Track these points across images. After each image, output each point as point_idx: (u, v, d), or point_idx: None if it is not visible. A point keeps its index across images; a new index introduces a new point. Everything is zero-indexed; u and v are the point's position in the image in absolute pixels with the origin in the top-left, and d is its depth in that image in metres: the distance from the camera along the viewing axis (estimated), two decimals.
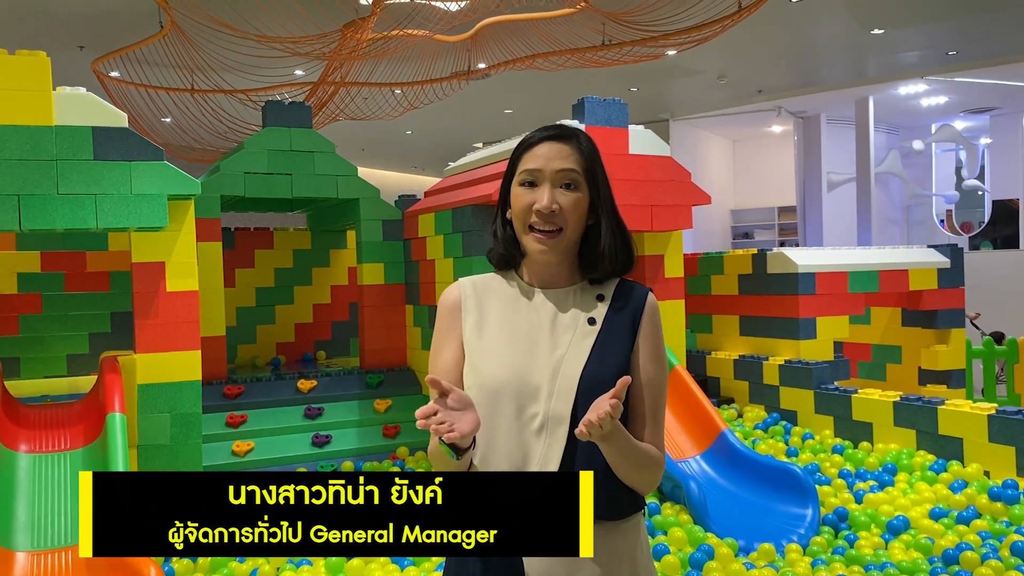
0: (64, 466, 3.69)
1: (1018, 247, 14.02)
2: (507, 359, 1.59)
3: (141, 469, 4.26)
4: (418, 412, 1.40)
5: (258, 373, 5.98)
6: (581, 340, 1.60)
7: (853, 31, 9.19)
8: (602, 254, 1.63)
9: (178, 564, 3.62)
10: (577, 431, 1.44)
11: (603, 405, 1.41)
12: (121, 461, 3.47)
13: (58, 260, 5.88)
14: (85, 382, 5.53)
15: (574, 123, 5.11)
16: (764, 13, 7.66)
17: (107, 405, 3.76)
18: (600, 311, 1.63)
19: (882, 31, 9.15)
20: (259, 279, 7.06)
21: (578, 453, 1.54)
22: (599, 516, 1.53)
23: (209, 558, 3.74)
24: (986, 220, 15.10)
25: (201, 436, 4.47)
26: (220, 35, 7.12)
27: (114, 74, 9.21)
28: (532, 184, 1.61)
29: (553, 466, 1.53)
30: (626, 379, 1.42)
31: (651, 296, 1.67)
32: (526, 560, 1.52)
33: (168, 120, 10.60)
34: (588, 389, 1.54)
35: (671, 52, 8.71)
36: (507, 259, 1.69)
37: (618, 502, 1.57)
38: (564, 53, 7.77)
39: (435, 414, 1.41)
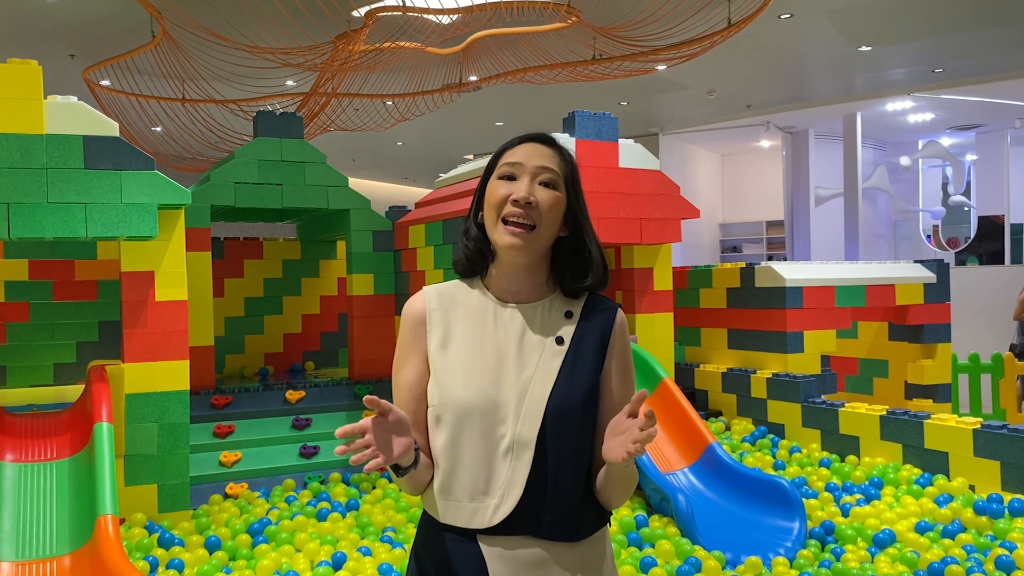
0: (50, 476, 3.67)
1: (1003, 263, 14.14)
2: (473, 380, 1.55)
3: (128, 479, 4.24)
4: (338, 432, 1.36)
5: (246, 383, 5.96)
6: (548, 361, 1.56)
7: (841, 48, 9.28)
8: (588, 266, 1.61)
9: (164, 575, 3.60)
10: (619, 457, 1.40)
11: (633, 432, 1.38)
12: (108, 471, 3.45)
13: (46, 268, 5.86)
14: (72, 391, 5.50)
15: (564, 136, 5.14)
16: (753, 29, 7.73)
17: (94, 414, 3.75)
18: (568, 329, 1.59)
19: (869, 48, 9.25)
20: (248, 289, 7.05)
21: (547, 476, 1.53)
22: (561, 538, 1.53)
23: (195, 568, 3.73)
24: (972, 236, 15.23)
25: (188, 446, 4.45)
26: (212, 45, 7.14)
27: (105, 83, 9.21)
28: (511, 177, 1.57)
29: (517, 490, 1.51)
30: (643, 393, 1.39)
31: (620, 313, 1.64)
32: (491, 571, 1.52)
33: (159, 129, 10.60)
34: (556, 412, 1.52)
35: (661, 67, 8.77)
36: (475, 263, 1.64)
37: (581, 523, 1.56)
38: (555, 67, 7.82)
39: (363, 435, 1.38)
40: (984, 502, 4.13)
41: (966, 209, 15.40)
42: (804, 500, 4.31)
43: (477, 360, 1.57)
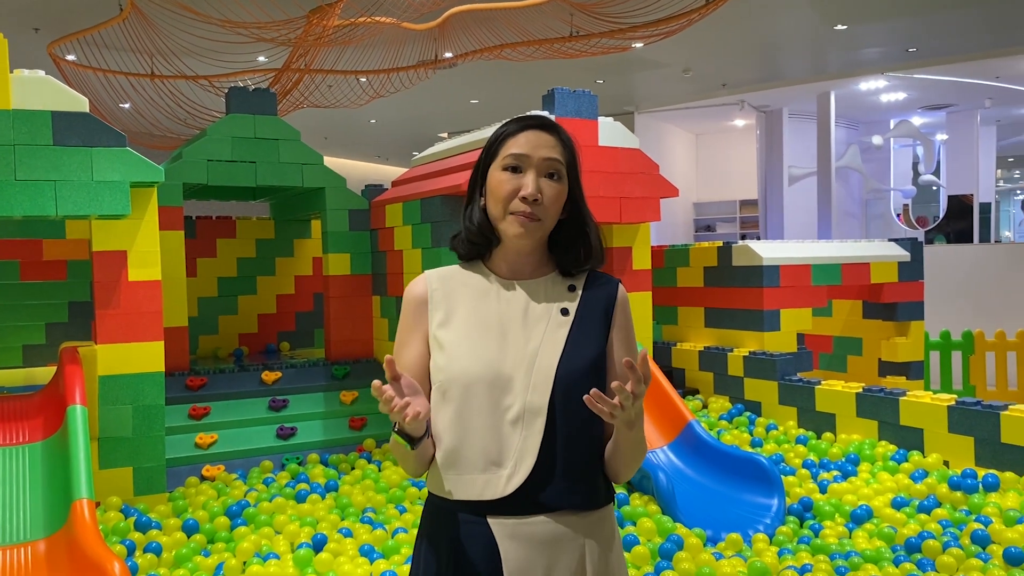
0: (23, 460, 3.59)
1: (972, 241, 14.34)
2: (478, 351, 1.56)
3: (102, 463, 4.17)
4: (376, 383, 1.40)
5: (221, 364, 5.89)
6: (555, 331, 1.58)
7: (817, 26, 9.29)
8: (588, 249, 1.63)
9: (142, 559, 3.55)
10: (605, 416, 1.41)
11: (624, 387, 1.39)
12: (83, 455, 3.38)
13: (13, 248, 5.72)
14: (42, 373, 5.41)
15: (544, 114, 5.09)
16: (730, 7, 7.71)
17: (68, 397, 3.67)
18: (572, 301, 1.62)
19: (845, 27, 9.27)
20: (221, 269, 6.95)
21: (559, 444, 1.53)
22: (575, 507, 1.54)
23: (173, 552, 3.68)
24: (941, 215, 15.42)
25: (164, 429, 4.38)
26: (182, 19, 6.97)
27: (70, 58, 8.98)
28: (516, 169, 1.58)
29: (530, 458, 1.52)
30: (644, 353, 1.40)
31: (622, 287, 1.67)
32: (503, 551, 1.51)
33: (127, 106, 10.37)
34: (565, 380, 1.54)
35: (637, 45, 8.73)
36: (478, 247, 1.64)
37: (594, 492, 1.58)
38: (533, 44, 7.74)
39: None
40: (959, 477, 4.19)
41: (935, 188, 15.58)
42: (782, 477, 4.35)
43: (482, 333, 1.58)
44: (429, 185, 5.23)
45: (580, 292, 1.63)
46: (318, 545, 3.73)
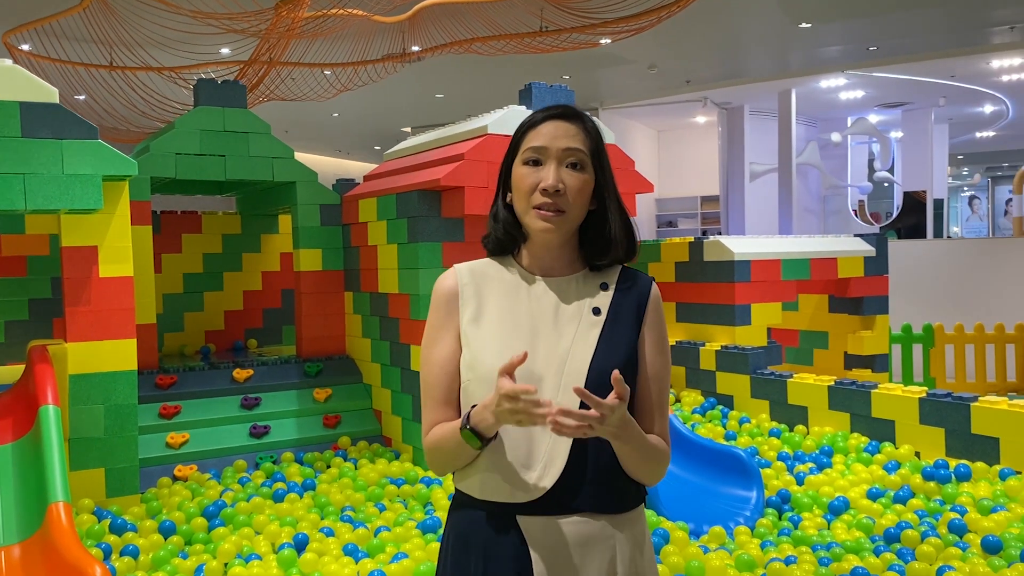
0: None
1: (924, 237, 14.67)
2: (509, 351, 1.50)
3: (74, 464, 4.06)
4: (512, 386, 1.36)
5: (188, 362, 5.77)
6: (587, 331, 1.55)
7: (782, 24, 9.41)
8: (610, 241, 1.59)
9: (119, 563, 3.46)
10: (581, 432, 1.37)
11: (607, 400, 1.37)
12: (57, 456, 3.28)
13: None
14: (4, 372, 5.24)
15: (521, 108, 5.08)
16: (700, 4, 7.76)
17: (39, 397, 3.56)
18: (604, 300, 1.58)
19: (809, 25, 9.40)
20: (187, 264, 6.81)
21: (589, 447, 1.50)
22: (605, 510, 1.52)
23: (150, 554, 3.59)
24: (896, 211, 15.75)
25: (137, 428, 4.28)
26: (145, 8, 6.80)
27: (25, 47, 8.71)
28: (536, 163, 1.55)
29: (560, 461, 1.49)
30: (616, 375, 1.36)
31: (655, 285, 1.64)
32: (533, 551, 1.49)
33: (82, 98, 10.10)
34: (597, 381, 1.50)
35: (605, 41, 8.75)
36: (505, 244, 1.63)
37: (624, 495, 1.55)
38: (503, 38, 7.70)
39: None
40: (931, 468, 4.27)
41: (886, 185, 15.92)
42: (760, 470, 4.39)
43: (512, 331, 1.55)
44: (405, 180, 5.17)
45: (612, 290, 1.60)
46: (300, 545, 3.67)
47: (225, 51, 8.90)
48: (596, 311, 1.57)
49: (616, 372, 1.36)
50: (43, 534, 3.11)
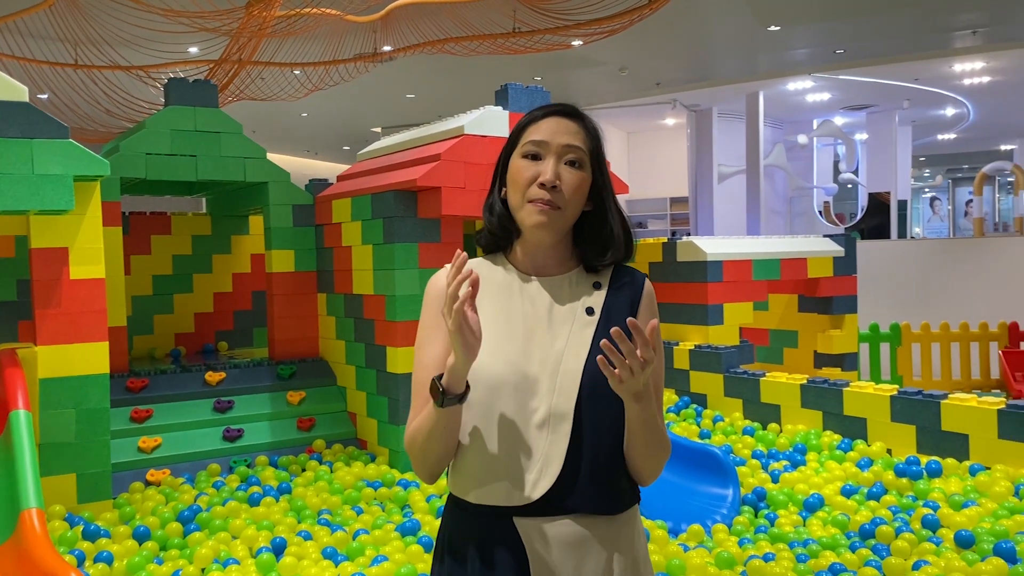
0: None
1: (888, 237, 14.92)
2: (503, 352, 1.51)
3: (44, 469, 3.98)
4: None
5: (161, 365, 5.68)
6: (581, 331, 1.53)
7: (752, 27, 9.51)
8: (609, 242, 1.58)
9: (93, 570, 3.40)
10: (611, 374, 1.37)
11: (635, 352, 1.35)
12: (29, 462, 3.21)
13: None
14: None
15: (497, 109, 5.07)
16: (672, 7, 7.82)
17: (10, 402, 3.48)
18: (598, 299, 1.57)
19: (778, 28, 9.51)
20: (156, 266, 6.71)
21: (585, 448, 1.49)
22: (602, 511, 1.51)
23: (125, 561, 3.53)
24: (860, 212, 16.00)
25: (109, 433, 4.20)
26: (113, 6, 6.69)
27: None
28: (535, 157, 1.53)
29: (557, 463, 1.48)
30: (654, 323, 1.36)
31: (648, 282, 1.63)
32: (530, 552, 1.48)
33: (44, 97, 9.91)
34: (592, 383, 1.49)
35: (577, 43, 8.78)
36: (499, 238, 1.61)
37: (620, 495, 1.54)
38: (475, 39, 7.70)
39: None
40: (903, 465, 4.34)
41: (850, 186, 16.17)
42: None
43: (506, 333, 1.53)
44: (381, 180, 5.14)
45: (606, 290, 1.59)
46: (278, 549, 3.63)
47: (193, 50, 8.79)
48: (590, 311, 1.56)
49: (631, 319, 1.35)
50: (16, 541, 3.05)
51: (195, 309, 6.91)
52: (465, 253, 1.40)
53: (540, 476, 1.47)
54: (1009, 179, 19.83)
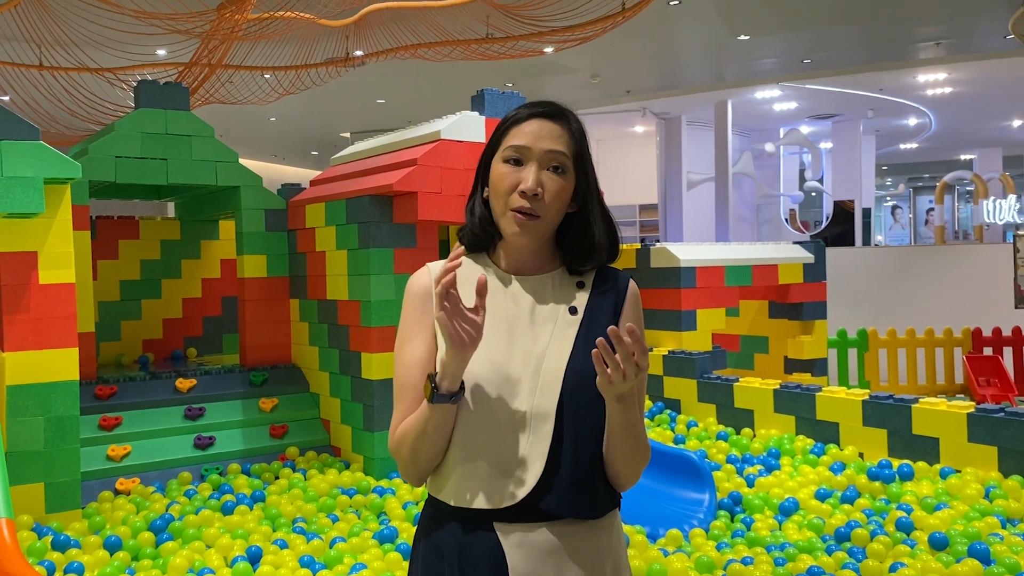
0: None
1: (852, 245, 15.16)
2: (485, 352, 1.48)
3: (12, 478, 3.88)
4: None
5: (129, 372, 5.58)
6: (563, 331, 1.51)
7: (722, 36, 9.62)
8: (592, 249, 1.55)
9: None
10: (599, 380, 1.36)
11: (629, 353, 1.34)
12: None
13: None
14: None
15: (474, 114, 5.07)
16: (644, 15, 7.88)
17: None
18: (581, 299, 1.55)
19: (748, 37, 9.63)
20: (124, 272, 6.60)
21: (563, 451, 1.47)
22: (583, 515, 1.48)
23: (96, 572, 3.46)
24: (825, 220, 16.24)
25: (79, 441, 4.11)
26: (80, 7, 6.57)
27: None
28: (517, 162, 1.50)
29: (539, 464, 1.45)
30: (632, 327, 1.33)
31: (632, 283, 1.60)
32: (510, 559, 1.45)
33: (6, 98, 9.71)
34: (574, 383, 1.47)
35: (548, 50, 8.81)
36: (481, 240, 1.58)
37: (599, 500, 1.52)
38: (449, 44, 7.69)
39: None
40: (876, 468, 4.40)
41: (815, 194, 16.41)
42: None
43: (488, 332, 1.48)
44: (355, 185, 5.11)
45: (589, 289, 1.56)
46: (254, 558, 3.58)
47: (161, 52, 8.67)
48: (573, 311, 1.54)
49: (631, 326, 1.33)
50: None
51: (164, 315, 6.80)
52: (463, 247, 1.40)
53: (522, 478, 1.45)
54: (969, 188, 20.26)
